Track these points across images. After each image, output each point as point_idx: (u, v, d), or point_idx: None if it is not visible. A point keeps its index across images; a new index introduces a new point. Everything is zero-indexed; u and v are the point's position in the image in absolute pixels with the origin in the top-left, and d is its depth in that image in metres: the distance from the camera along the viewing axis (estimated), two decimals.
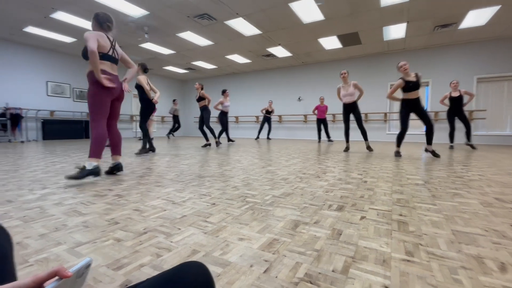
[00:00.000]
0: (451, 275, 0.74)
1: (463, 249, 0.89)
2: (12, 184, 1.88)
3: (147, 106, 4.15)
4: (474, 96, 5.29)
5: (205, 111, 5.53)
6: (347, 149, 4.63)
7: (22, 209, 1.31)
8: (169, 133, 9.60)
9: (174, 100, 9.36)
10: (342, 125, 9.20)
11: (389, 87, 8.40)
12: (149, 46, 7.79)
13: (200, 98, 5.48)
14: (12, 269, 0.44)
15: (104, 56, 2.10)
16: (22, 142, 7.10)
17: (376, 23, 6.06)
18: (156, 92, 4.26)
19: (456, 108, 5.15)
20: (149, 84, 4.21)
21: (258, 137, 8.66)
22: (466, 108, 7.40)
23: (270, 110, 8.50)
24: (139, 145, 6.06)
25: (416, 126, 8.20)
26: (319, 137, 7.67)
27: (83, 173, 1.90)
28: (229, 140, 7.17)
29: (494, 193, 1.68)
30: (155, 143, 6.80)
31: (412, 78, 3.64)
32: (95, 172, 2.01)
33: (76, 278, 0.32)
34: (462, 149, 5.42)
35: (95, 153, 2.03)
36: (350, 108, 4.48)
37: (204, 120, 5.51)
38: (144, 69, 4.12)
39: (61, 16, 5.75)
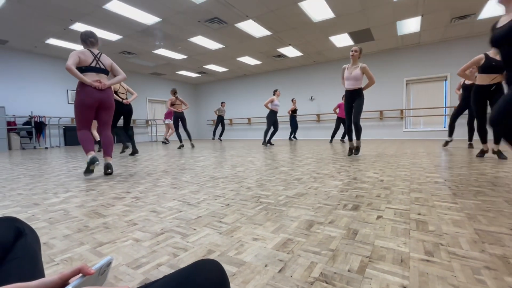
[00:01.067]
0: (474, 275, 0.71)
1: (487, 249, 0.86)
2: (38, 188, 1.98)
3: (115, 109, 4.40)
4: None
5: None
6: (351, 151, 3.71)
7: (47, 212, 1.38)
8: (220, 136, 9.25)
9: (222, 103, 9.13)
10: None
11: (404, 83, 8.15)
12: (162, 52, 7.99)
13: (171, 104, 6.19)
14: (41, 267, 0.47)
15: (87, 68, 2.47)
16: (46, 148, 7.47)
17: (388, 18, 5.91)
18: (133, 94, 4.50)
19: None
20: (123, 87, 4.53)
21: (295, 138, 8.69)
22: None
23: (296, 108, 8.24)
24: (155, 148, 6.21)
25: (431, 123, 7.90)
26: (333, 137, 7.04)
27: (87, 164, 2.38)
28: (267, 142, 6.56)
29: None
30: (196, 145, 6.94)
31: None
32: (92, 160, 2.38)
33: (98, 275, 0.34)
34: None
35: (86, 150, 2.49)
36: (352, 96, 3.56)
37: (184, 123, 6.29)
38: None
39: (79, 27, 6.02)
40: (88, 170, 2.37)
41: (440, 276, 0.71)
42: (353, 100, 3.56)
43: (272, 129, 8.69)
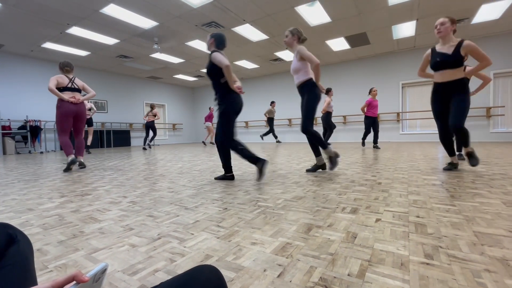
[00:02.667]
0: (475, 278, 0.70)
1: (486, 251, 0.85)
2: (32, 193, 1.95)
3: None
4: None
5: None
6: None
7: (42, 217, 1.36)
8: (276, 138, 8.67)
9: (272, 103, 8.60)
10: (347, 127, 9.08)
11: (400, 86, 8.23)
12: (159, 56, 8.00)
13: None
14: (33, 274, 0.45)
15: (64, 89, 3.26)
16: (41, 153, 7.39)
17: (384, 22, 5.98)
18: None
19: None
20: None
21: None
22: (483, 105, 7.14)
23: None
24: (152, 152, 6.18)
25: (427, 126, 7.97)
26: (364, 139, 5.90)
27: (68, 164, 3.07)
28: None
29: None
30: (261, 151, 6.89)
31: (446, 47, 2.34)
32: (73, 161, 3.12)
33: (93, 282, 0.33)
34: (481, 147, 5.21)
35: (67, 152, 3.20)
36: (300, 94, 2.66)
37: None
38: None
39: (75, 31, 6.01)
40: (68, 169, 3.11)
41: (440, 279, 0.70)
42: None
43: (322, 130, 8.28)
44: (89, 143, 6.65)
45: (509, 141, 6.91)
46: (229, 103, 2.24)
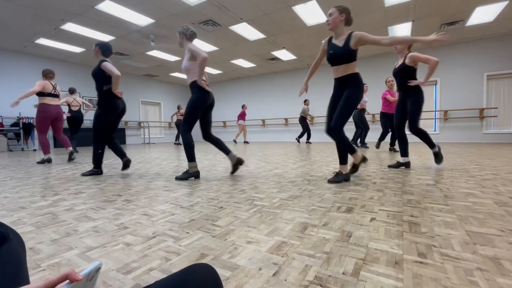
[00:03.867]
0: (467, 276, 0.71)
1: (478, 250, 0.87)
2: (25, 191, 1.93)
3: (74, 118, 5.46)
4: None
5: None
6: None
7: (34, 215, 1.34)
8: (307, 138, 8.16)
9: (305, 101, 7.96)
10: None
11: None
12: (155, 53, 7.93)
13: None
14: (26, 273, 0.45)
15: (49, 94, 3.82)
16: (35, 150, 7.29)
17: (380, 23, 6.02)
18: (89, 106, 5.29)
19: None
20: (77, 101, 5.47)
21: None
22: (473, 106, 7.24)
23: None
24: (147, 151, 6.13)
25: (422, 126, 8.06)
26: (382, 140, 5.16)
27: (44, 161, 3.78)
28: (362, 144, 5.73)
29: (509, 192, 1.63)
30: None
31: (338, 40, 2.13)
32: (49, 159, 3.82)
33: (87, 281, 0.33)
34: (474, 147, 5.29)
35: (45, 151, 3.84)
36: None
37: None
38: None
39: (70, 27, 5.93)
40: (41, 162, 3.75)
41: (433, 278, 0.71)
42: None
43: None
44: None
45: (502, 142, 7.03)
46: (107, 107, 2.63)
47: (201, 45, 7.32)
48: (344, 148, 2.13)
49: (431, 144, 2.76)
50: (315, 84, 9.73)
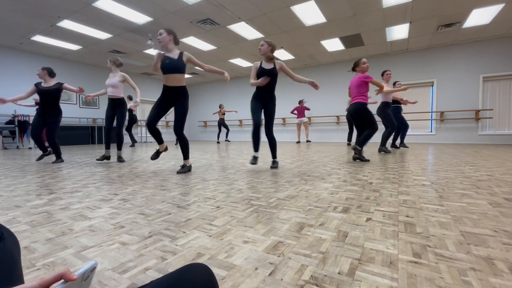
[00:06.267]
0: (461, 276, 0.72)
1: (472, 251, 0.88)
2: (20, 190, 1.91)
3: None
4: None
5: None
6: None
7: (29, 214, 1.33)
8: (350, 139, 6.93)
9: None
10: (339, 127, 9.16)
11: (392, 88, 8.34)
12: (153, 52, 7.89)
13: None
14: (20, 273, 0.44)
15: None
16: (30, 148, 7.22)
17: (378, 24, 6.05)
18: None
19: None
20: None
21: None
22: (469, 108, 7.31)
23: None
24: (144, 150, 6.10)
25: (418, 127, 8.11)
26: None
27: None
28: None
29: (503, 193, 1.65)
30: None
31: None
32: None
33: (82, 281, 0.32)
34: (469, 148, 5.34)
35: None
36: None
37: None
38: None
39: (67, 24, 5.87)
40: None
41: (428, 277, 0.72)
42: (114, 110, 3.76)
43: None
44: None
45: (497, 143, 7.10)
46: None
47: (200, 44, 7.30)
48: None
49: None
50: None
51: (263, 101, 2.86)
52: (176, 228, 1.12)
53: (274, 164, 2.92)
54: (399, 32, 6.52)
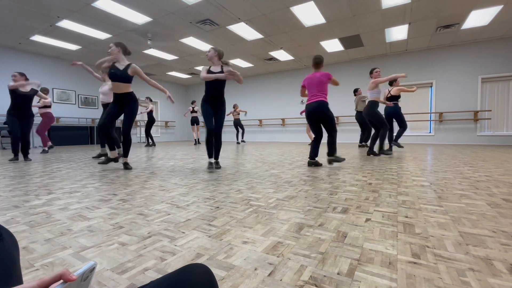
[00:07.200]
0: (459, 277, 0.72)
1: (471, 251, 0.88)
2: (18, 190, 1.90)
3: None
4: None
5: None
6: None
7: (28, 214, 1.33)
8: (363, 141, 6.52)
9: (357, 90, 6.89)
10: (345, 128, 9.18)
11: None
12: (152, 52, 7.89)
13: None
14: (19, 273, 0.44)
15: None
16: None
17: (377, 25, 6.06)
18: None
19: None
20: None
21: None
22: (467, 109, 7.33)
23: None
24: (144, 150, 6.09)
25: (417, 128, 8.13)
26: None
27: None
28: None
29: (502, 194, 1.65)
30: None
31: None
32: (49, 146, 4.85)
33: (81, 281, 0.32)
34: (468, 149, 5.35)
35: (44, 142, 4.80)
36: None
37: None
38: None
39: (66, 24, 5.86)
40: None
41: (426, 278, 0.72)
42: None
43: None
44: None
45: (495, 144, 7.12)
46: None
47: (199, 44, 7.29)
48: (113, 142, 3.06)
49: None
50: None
51: (214, 105, 2.89)
52: (175, 228, 1.12)
53: (217, 165, 2.96)
54: (398, 33, 6.53)
